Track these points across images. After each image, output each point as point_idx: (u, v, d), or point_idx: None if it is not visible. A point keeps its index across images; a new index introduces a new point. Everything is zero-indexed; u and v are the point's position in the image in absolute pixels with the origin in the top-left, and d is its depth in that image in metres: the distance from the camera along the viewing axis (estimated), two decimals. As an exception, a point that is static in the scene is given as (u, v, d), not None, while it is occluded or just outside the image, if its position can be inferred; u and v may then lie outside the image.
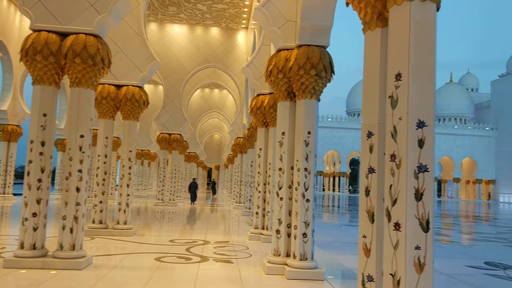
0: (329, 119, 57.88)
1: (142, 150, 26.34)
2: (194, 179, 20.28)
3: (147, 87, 25.44)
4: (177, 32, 16.58)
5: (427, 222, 2.53)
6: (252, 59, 8.61)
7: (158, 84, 25.19)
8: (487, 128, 59.83)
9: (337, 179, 60.21)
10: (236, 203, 17.67)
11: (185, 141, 19.98)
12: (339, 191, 58.42)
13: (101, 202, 8.32)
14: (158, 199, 16.68)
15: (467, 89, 74.38)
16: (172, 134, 16.38)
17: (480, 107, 66.91)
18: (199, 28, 16.64)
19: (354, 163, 65.97)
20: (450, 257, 7.70)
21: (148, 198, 22.51)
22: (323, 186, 59.84)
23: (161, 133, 16.43)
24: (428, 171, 2.56)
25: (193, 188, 19.04)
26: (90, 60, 5.42)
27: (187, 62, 16.43)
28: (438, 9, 2.69)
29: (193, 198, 18.98)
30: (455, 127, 60.24)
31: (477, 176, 59.20)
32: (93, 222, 8.26)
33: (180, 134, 16.51)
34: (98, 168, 8.41)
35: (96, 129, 11.47)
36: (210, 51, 16.59)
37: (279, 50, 5.86)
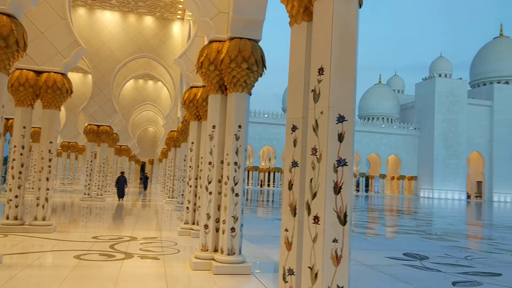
0: (266, 115, 58.59)
1: (68, 142, 24.90)
2: (122, 173, 18.04)
3: (76, 76, 24.07)
4: (108, 19, 15.79)
5: (345, 215, 2.57)
6: (185, 50, 8.40)
7: (87, 73, 23.93)
8: (411, 128, 63.89)
9: (272, 174, 61.19)
10: (169, 198, 17.30)
11: (115, 133, 19.14)
12: (274, 186, 59.44)
13: (16, 196, 7.68)
14: (85, 194, 15.86)
15: (394, 90, 78.89)
16: (101, 125, 15.62)
17: (405, 108, 71.30)
18: (132, 16, 15.98)
19: (289, 159, 67.42)
20: (373, 249, 8.06)
21: (74, 192, 21.35)
22: (259, 181, 60.51)
23: (89, 124, 15.61)
24: (347, 165, 2.59)
25: (121, 183, 16.98)
26: (2, 41, 4.95)
27: (118, 51, 15.72)
28: (360, 6, 2.74)
29: (121, 194, 16.95)
30: (383, 126, 63.66)
31: (401, 173, 63.09)
32: (7, 218, 7.62)
33: (109, 126, 15.79)
34: (14, 160, 7.76)
35: (13, 118, 10.60)
36: (143, 41, 16.01)
37: (211, 42, 5.74)
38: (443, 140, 60.87)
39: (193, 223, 8.54)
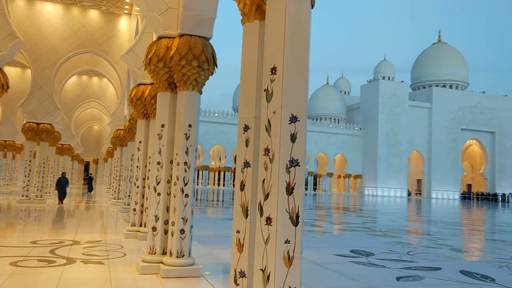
0: (216, 115, 58.35)
1: (5, 141, 23.37)
2: (63, 173, 16.88)
3: (13, 71, 22.62)
4: (50, 11, 14.96)
5: (297, 216, 2.55)
6: (132, 46, 8.12)
7: (26, 68, 22.58)
8: (357, 128, 66.19)
9: (222, 173, 61.03)
10: (115, 199, 16.69)
11: (56, 131, 18.18)
12: (224, 186, 59.32)
13: None
14: (23, 196, 14.92)
15: (341, 92, 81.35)
16: (40, 123, 14.77)
17: (351, 109, 73.75)
18: (76, 9, 15.25)
19: (239, 158, 67.62)
20: (321, 247, 8.21)
21: (12, 194, 20.05)
22: (208, 180, 60.12)
23: (28, 122, 14.71)
24: (299, 166, 2.58)
25: (62, 185, 15.73)
26: None
27: (60, 45, 14.93)
28: (312, 6, 2.74)
29: (61, 196, 15.69)
30: (330, 126, 65.46)
31: (347, 171, 65.20)
32: None
33: (50, 124, 14.97)
34: None
35: None
36: (88, 35, 15.32)
37: (160, 38, 5.57)
38: (386, 140, 63.59)
39: (141, 225, 8.27)
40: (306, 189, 58.46)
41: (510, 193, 65.14)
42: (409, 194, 66.00)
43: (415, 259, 7.19)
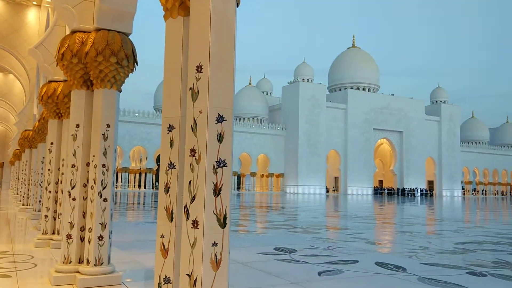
0: (136, 114, 56.38)
1: None
2: None
3: None
4: None
5: (225, 218, 2.51)
6: (42, 40, 7.50)
7: None
8: (279, 128, 67.93)
9: (143, 175, 59.11)
10: (23, 205, 15.36)
11: (-47, 132, 16.29)
12: (145, 188, 57.50)
13: None
14: None
15: (263, 92, 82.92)
16: None
17: (273, 109, 75.54)
18: (-25, -4, 13.79)
19: (161, 159, 66.25)
20: (246, 246, 8.26)
21: None
22: (129, 183, 57.90)
23: None
24: (226, 166, 2.53)
25: None
26: None
27: (-44, 36, 13.40)
28: (238, 5, 2.71)
29: None
30: (253, 126, 66.45)
31: (269, 171, 66.65)
32: None
33: None
34: None
35: None
36: (-10, 27, 13.93)
37: (73, 32, 5.20)
38: (306, 140, 66.07)
39: (53, 233, 7.67)
40: (230, 189, 58.58)
41: (416, 188, 71.17)
42: (327, 191, 69.21)
43: (335, 253, 7.51)
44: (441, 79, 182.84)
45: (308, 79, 70.72)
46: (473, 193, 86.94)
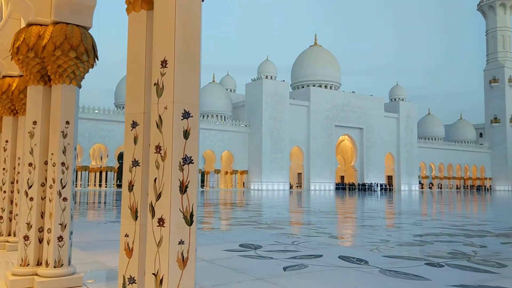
0: (96, 111, 54.82)
1: None
2: None
3: None
4: None
5: (191, 215, 2.48)
6: (-5, 32, 7.12)
7: None
8: (242, 125, 67.99)
9: (104, 174, 57.66)
10: (-25, 206, 14.58)
11: None
12: (106, 187, 56.11)
13: None
14: None
15: (226, 89, 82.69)
16: None
17: (237, 106, 75.53)
18: None
19: (122, 157, 64.85)
20: (211, 244, 8.22)
21: None
22: (89, 182, 56.30)
23: None
24: (192, 163, 2.51)
25: None
26: None
27: None
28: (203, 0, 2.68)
29: None
30: (217, 123, 66.18)
31: (234, 168, 66.67)
32: None
33: None
34: None
35: None
36: None
37: (29, 25, 4.97)
38: (269, 137, 66.51)
39: (9, 235, 7.34)
40: (194, 186, 58.12)
41: (375, 183, 73.24)
42: (290, 187, 69.99)
43: (299, 248, 7.61)
44: (399, 78, 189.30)
45: (271, 77, 71.14)
46: (429, 187, 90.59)
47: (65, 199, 4.79)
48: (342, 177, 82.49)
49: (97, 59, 5.24)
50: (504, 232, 10.81)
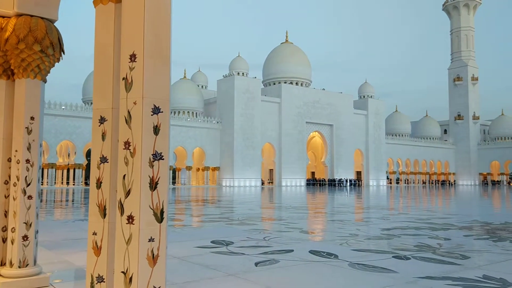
0: (63, 107, 53.29)
1: None
2: None
3: None
4: None
5: (162, 212, 2.45)
6: (-47, 24, 6.79)
7: None
8: (214, 122, 67.68)
9: (72, 171, 56.23)
10: None
11: None
12: (74, 184, 54.74)
13: None
14: None
15: (198, 86, 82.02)
16: None
17: (209, 102, 75.08)
18: None
19: (91, 154, 63.41)
20: (182, 241, 8.17)
21: None
22: (56, 179, 54.76)
23: None
24: (163, 159, 2.47)
25: None
26: None
27: None
28: (172, -7, 2.64)
29: None
30: (188, 119, 65.61)
31: (205, 164, 66.29)
32: None
33: None
34: None
35: None
36: None
37: (-10, 16, 4.76)
38: (241, 133, 66.49)
39: (-30, 235, 7.05)
40: (165, 183, 57.41)
41: (345, 178, 74.51)
42: (262, 183, 70.28)
43: (271, 243, 7.66)
44: (368, 75, 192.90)
45: (243, 73, 71.05)
46: (397, 182, 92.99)
47: (30, 197, 4.64)
48: (313, 173, 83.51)
49: (63, 53, 5.09)
50: (467, 225, 11.23)
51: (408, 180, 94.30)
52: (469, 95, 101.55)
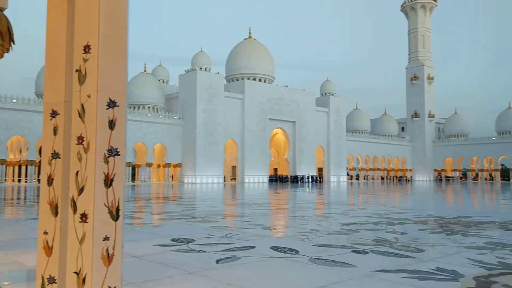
0: (15, 100, 50.89)
1: None
2: None
3: None
4: None
5: (117, 210, 2.36)
6: None
7: None
8: (176, 117, 66.79)
9: (24, 168, 53.87)
10: None
11: None
12: (26, 182, 52.49)
13: None
14: None
15: (159, 80, 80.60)
16: None
17: (170, 98, 73.97)
18: None
19: (46, 150, 61.10)
20: (141, 239, 7.99)
21: None
22: (6, 176, 52.29)
23: None
24: (119, 155, 2.38)
25: None
26: None
27: None
28: (131, -17, 2.54)
29: None
30: (149, 115, 64.36)
31: (167, 161, 65.37)
32: None
33: None
34: None
35: None
36: None
37: None
38: (204, 129, 65.99)
39: None
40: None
41: (307, 175, 75.64)
42: (225, 180, 70.12)
43: (232, 240, 7.63)
44: (330, 73, 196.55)
45: (205, 68, 70.44)
46: (356, 178, 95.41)
47: (-24, 195, 4.38)
48: (276, 170, 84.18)
49: (13, 43, 4.81)
50: (422, 219, 11.67)
51: (367, 176, 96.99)
52: (425, 94, 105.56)
